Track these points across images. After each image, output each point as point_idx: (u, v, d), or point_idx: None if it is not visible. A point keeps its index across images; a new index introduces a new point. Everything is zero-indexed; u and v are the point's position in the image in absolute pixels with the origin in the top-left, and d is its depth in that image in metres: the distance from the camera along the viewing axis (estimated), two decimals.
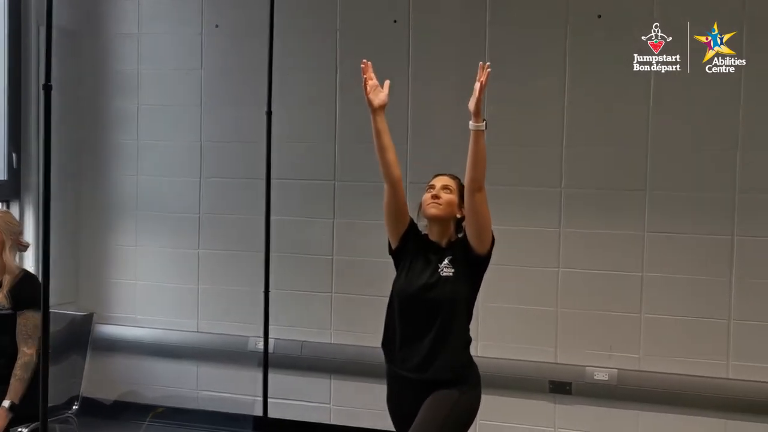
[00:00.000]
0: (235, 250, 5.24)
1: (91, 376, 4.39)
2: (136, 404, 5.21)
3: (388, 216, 3.39)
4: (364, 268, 5.01)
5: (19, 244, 3.87)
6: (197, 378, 5.33)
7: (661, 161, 4.48)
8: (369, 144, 4.97)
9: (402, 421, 3.41)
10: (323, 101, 5.02)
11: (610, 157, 4.57)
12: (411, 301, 3.30)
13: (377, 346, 4.91)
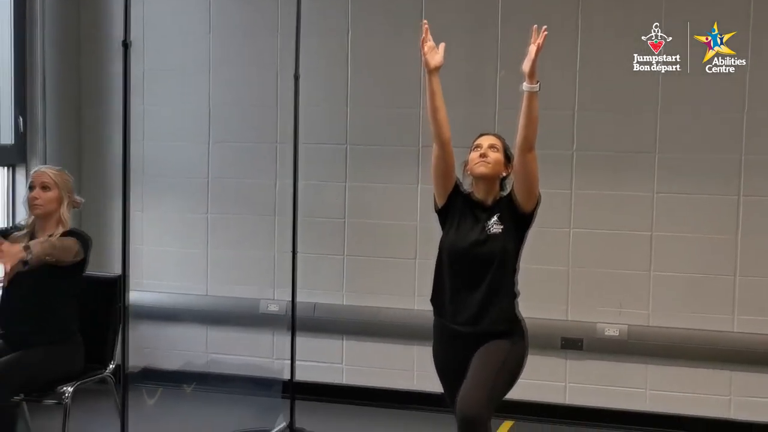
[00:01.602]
0: (245, 214, 5.28)
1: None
2: (152, 369, 5.21)
3: (436, 175, 3.48)
4: (375, 231, 5.10)
5: (73, 202, 3.90)
6: (207, 341, 5.37)
7: (670, 124, 4.64)
8: (381, 107, 5.10)
9: (450, 373, 3.52)
10: (336, 64, 5.06)
11: (620, 120, 4.72)
12: (461, 257, 3.40)
13: (389, 306, 5.07)
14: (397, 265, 5.07)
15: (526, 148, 3.29)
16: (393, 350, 5.11)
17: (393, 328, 5.07)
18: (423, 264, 5.02)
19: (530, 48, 3.22)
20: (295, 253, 4.51)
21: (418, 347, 5.05)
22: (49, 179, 3.84)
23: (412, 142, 4.99)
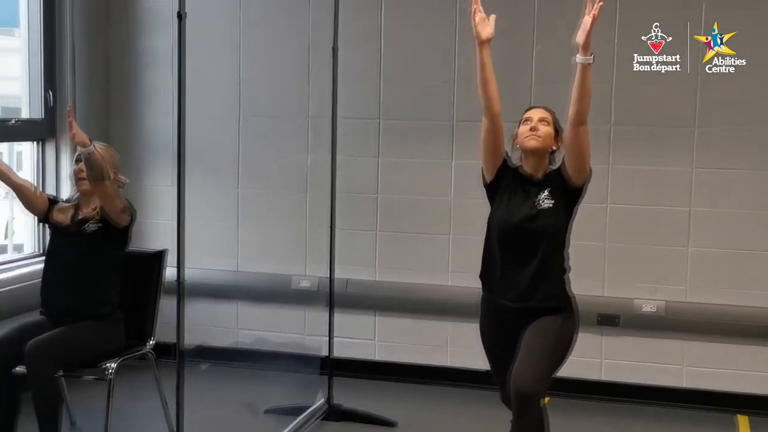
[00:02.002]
0: (276, 189, 5.24)
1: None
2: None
3: (485, 149, 3.43)
4: (408, 207, 5.06)
5: (117, 180, 3.86)
6: (237, 317, 5.35)
7: (709, 98, 4.58)
8: (415, 81, 5.04)
9: (498, 350, 3.50)
10: (369, 38, 5.00)
11: (658, 94, 4.66)
12: (512, 232, 3.36)
13: (422, 282, 5.04)
14: (430, 240, 5.04)
15: (579, 122, 3.25)
16: (426, 326, 5.08)
17: (426, 304, 5.04)
18: (457, 240, 4.99)
19: (585, 19, 3.17)
20: (333, 229, 4.48)
21: (452, 323, 5.03)
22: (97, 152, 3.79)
23: (446, 116, 4.94)
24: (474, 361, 4.94)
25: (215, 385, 4.99)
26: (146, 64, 5.36)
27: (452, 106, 4.92)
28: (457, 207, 4.96)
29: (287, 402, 4.54)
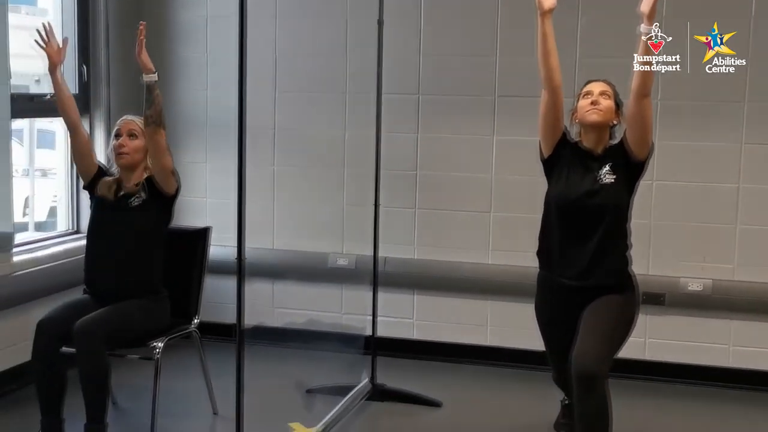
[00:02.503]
0: (312, 166, 5.15)
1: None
2: (226, 324, 5.11)
3: (544, 124, 3.35)
4: (448, 183, 4.97)
5: None
6: (273, 296, 5.28)
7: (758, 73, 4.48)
8: (455, 56, 4.94)
9: (555, 329, 3.44)
10: (408, 11, 4.89)
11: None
12: (573, 208, 3.29)
13: (462, 260, 4.96)
14: (470, 218, 4.95)
15: (642, 94, 3.17)
16: (465, 305, 5.00)
17: (466, 282, 4.96)
18: (497, 217, 4.91)
19: None
20: (378, 206, 4.39)
21: (491, 302, 4.96)
22: (136, 127, 3.75)
23: (488, 91, 4.84)
24: (514, 340, 4.91)
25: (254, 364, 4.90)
26: (180, 39, 5.26)
27: (494, 81, 4.82)
28: (498, 184, 4.88)
29: (328, 381, 4.47)
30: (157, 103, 3.59)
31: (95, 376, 3.41)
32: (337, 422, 3.92)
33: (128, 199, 3.72)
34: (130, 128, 3.76)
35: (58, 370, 3.51)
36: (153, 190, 3.73)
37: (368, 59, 4.89)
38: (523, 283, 4.78)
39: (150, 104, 3.59)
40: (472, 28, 4.85)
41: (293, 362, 4.88)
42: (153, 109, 3.59)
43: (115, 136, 3.79)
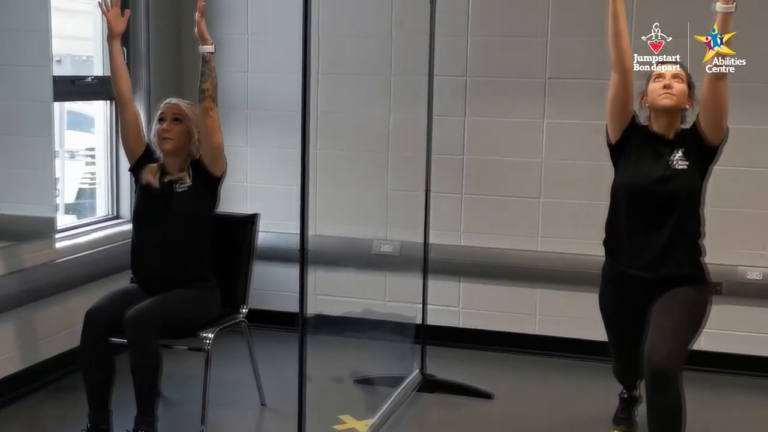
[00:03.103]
0: (355, 150, 5.03)
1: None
2: (271, 311, 5.03)
3: (613, 107, 3.22)
4: (496, 168, 4.84)
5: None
6: (315, 283, 5.16)
7: None
8: (504, 36, 4.79)
9: (621, 321, 3.32)
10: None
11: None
12: (643, 195, 3.16)
13: (510, 247, 4.84)
14: (519, 204, 4.82)
15: (719, 76, 3.02)
16: (513, 293, 4.88)
17: (514, 270, 4.84)
18: (547, 204, 4.78)
19: None
20: (429, 192, 4.27)
21: (540, 290, 4.84)
22: (180, 111, 3.63)
23: (538, 73, 4.69)
24: (564, 329, 4.79)
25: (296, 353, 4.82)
26: (220, 19, 5.13)
27: (545, 62, 4.68)
28: (548, 168, 4.74)
29: (375, 371, 4.37)
30: (212, 76, 3.50)
31: (146, 368, 3.32)
32: (390, 415, 3.81)
33: (173, 185, 3.61)
34: (174, 112, 3.64)
35: (107, 361, 3.43)
36: (199, 174, 3.63)
37: (414, 40, 4.77)
38: (573, 271, 4.72)
39: (206, 77, 3.49)
40: (522, 8, 4.70)
41: (337, 351, 4.77)
42: (209, 82, 3.49)
43: (159, 120, 3.67)
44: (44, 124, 4.12)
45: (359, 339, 4.87)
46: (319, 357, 4.69)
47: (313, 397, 4.03)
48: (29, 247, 4.01)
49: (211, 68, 3.52)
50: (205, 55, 3.52)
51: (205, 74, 3.52)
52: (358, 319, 5.00)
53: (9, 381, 3.93)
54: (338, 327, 4.99)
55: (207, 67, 3.52)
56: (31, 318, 4.05)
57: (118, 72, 3.62)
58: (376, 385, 4.21)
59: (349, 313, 5.04)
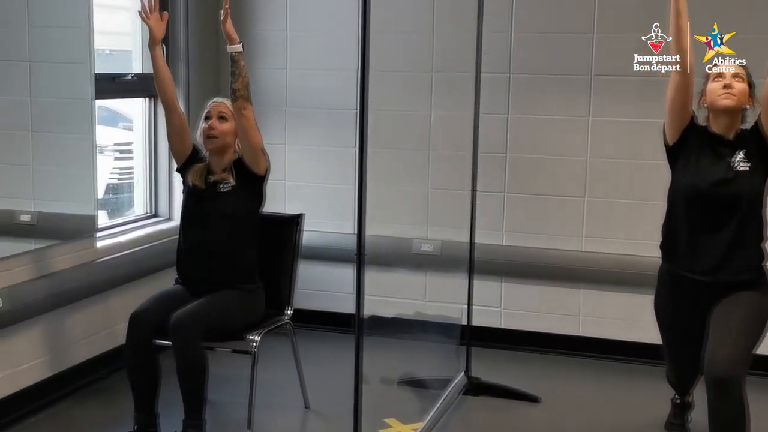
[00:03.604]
0: (397, 148, 4.96)
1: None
2: (315, 311, 4.97)
3: (673, 108, 3.13)
4: (539, 167, 4.76)
5: None
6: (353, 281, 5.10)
7: None
8: (548, 33, 4.70)
9: (678, 327, 3.23)
10: None
11: None
12: (704, 198, 3.07)
13: (553, 247, 4.75)
14: (562, 203, 4.74)
15: None
16: (556, 294, 4.80)
17: (557, 270, 4.76)
18: (592, 203, 4.69)
19: None
20: (475, 192, 4.20)
21: (584, 291, 4.75)
22: (226, 110, 3.59)
23: (583, 70, 4.60)
24: (609, 330, 4.70)
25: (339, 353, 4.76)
26: (258, 15, 5.08)
27: (590, 59, 4.58)
28: (593, 167, 4.66)
29: (419, 372, 4.31)
30: (243, 75, 3.45)
31: (193, 372, 3.27)
32: (437, 420, 3.75)
33: (218, 185, 3.57)
34: (219, 110, 3.60)
35: (152, 363, 3.39)
36: (242, 173, 3.58)
37: (456, 36, 4.70)
38: (618, 272, 4.64)
39: (236, 77, 3.44)
40: (567, 3, 4.61)
41: (380, 352, 4.70)
42: (240, 82, 3.43)
43: (205, 118, 3.63)
44: (85, 121, 4.08)
45: (403, 340, 4.80)
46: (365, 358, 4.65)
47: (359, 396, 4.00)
48: (71, 246, 3.97)
49: (240, 68, 3.46)
50: (233, 55, 3.47)
51: (236, 74, 3.46)
52: (401, 319, 4.93)
53: (48, 383, 3.90)
54: (382, 328, 4.93)
55: (236, 66, 3.47)
56: (70, 319, 4.01)
57: (161, 77, 3.58)
58: (421, 388, 4.15)
59: (390, 313, 4.97)
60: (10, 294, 3.55)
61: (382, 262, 5.00)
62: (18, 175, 3.81)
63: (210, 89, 5.01)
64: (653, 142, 4.49)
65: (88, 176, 4.10)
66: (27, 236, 3.88)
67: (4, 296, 3.52)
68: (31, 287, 3.68)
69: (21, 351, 3.73)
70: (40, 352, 3.85)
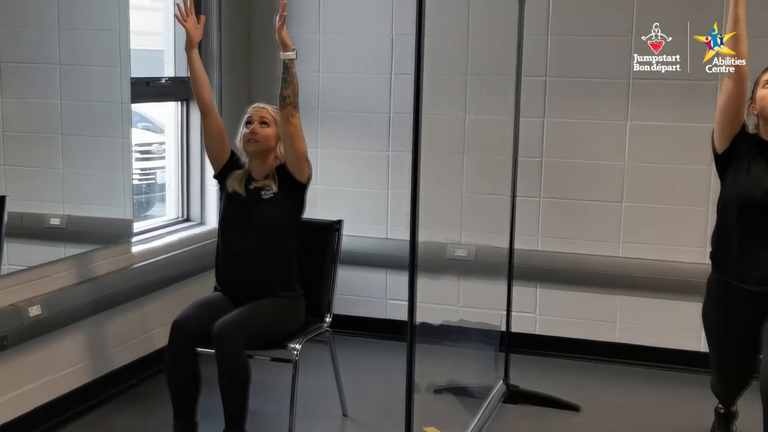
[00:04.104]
0: (428, 152, 4.88)
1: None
2: (345, 316, 4.93)
3: (724, 115, 3.07)
4: (576, 171, 4.70)
5: None
6: (386, 287, 5.08)
7: None
8: (586, 36, 4.64)
9: (729, 337, 3.18)
10: None
11: None
12: (755, 206, 3.02)
13: (589, 253, 4.70)
14: (600, 208, 4.68)
15: None
16: (592, 300, 4.74)
17: (593, 276, 4.70)
18: (630, 208, 4.64)
19: None
20: (515, 197, 4.15)
21: (620, 297, 4.69)
22: (268, 115, 3.56)
23: (622, 74, 4.54)
24: (647, 337, 4.65)
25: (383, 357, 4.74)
26: (291, 18, 5.01)
27: (629, 62, 4.51)
28: (631, 172, 4.60)
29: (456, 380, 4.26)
30: (294, 82, 3.42)
31: (236, 382, 3.23)
32: (480, 429, 3.70)
33: (260, 192, 3.53)
34: (262, 115, 3.57)
35: (194, 372, 3.35)
36: (285, 180, 3.55)
37: (492, 38, 4.65)
38: (656, 278, 4.59)
39: (287, 84, 3.41)
40: (605, 5, 4.55)
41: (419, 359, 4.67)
42: (290, 89, 3.41)
43: (246, 123, 3.59)
44: (122, 125, 4.05)
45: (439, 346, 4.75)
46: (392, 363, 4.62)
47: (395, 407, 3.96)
48: (107, 252, 3.94)
49: (292, 75, 3.43)
50: (286, 62, 3.44)
51: (287, 81, 3.43)
52: (437, 326, 4.88)
53: (85, 390, 3.88)
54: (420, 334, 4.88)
55: (288, 73, 3.43)
56: (105, 325, 3.99)
57: (199, 80, 3.55)
58: (460, 395, 4.10)
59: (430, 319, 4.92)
60: (49, 301, 3.53)
61: (406, 266, 4.96)
62: (48, 178, 3.77)
63: (242, 95, 4.99)
64: (692, 146, 4.48)
65: (126, 181, 4.08)
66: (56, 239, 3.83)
67: (44, 303, 3.50)
68: (71, 293, 3.66)
69: (60, 358, 3.71)
70: (78, 358, 3.83)
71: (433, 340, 4.76)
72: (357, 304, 5.02)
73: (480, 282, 4.78)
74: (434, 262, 4.91)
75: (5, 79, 3.40)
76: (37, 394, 3.58)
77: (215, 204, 4.80)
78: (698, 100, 4.42)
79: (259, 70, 5.12)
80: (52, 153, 3.77)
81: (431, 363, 4.57)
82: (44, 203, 3.84)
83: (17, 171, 3.54)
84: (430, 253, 4.91)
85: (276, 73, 5.05)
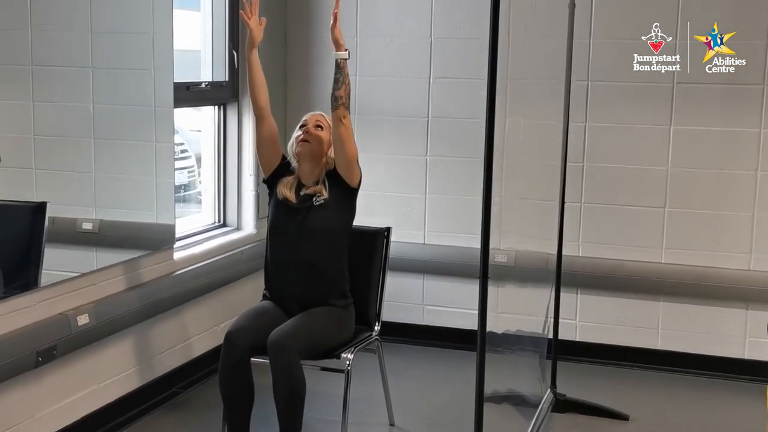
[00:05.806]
0: (469, 157, 4.86)
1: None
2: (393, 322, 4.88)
3: None
4: (617, 176, 4.66)
5: None
6: (423, 293, 5.03)
7: None
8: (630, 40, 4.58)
9: None
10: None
11: None
12: None
13: (631, 259, 4.65)
14: (642, 214, 4.63)
15: None
16: (634, 306, 4.70)
17: (635, 282, 4.65)
18: (673, 213, 4.59)
19: None
20: (564, 203, 4.10)
21: (664, 303, 4.65)
22: (324, 121, 3.54)
23: (666, 78, 4.48)
24: (691, 344, 4.59)
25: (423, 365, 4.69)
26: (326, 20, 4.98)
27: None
28: (674, 177, 4.55)
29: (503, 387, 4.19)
30: (347, 82, 3.38)
31: (292, 394, 3.18)
32: None
33: (311, 199, 3.47)
34: (317, 119, 3.55)
35: (248, 383, 3.30)
36: (335, 186, 3.49)
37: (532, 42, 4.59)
38: (699, 284, 4.54)
39: (340, 84, 3.37)
40: (649, 8, 4.50)
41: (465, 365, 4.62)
42: (343, 89, 3.36)
43: (300, 126, 3.55)
44: (165, 129, 4.01)
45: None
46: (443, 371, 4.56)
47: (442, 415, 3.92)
48: (151, 258, 3.89)
49: (345, 75, 3.39)
50: (339, 62, 3.40)
51: (339, 81, 3.39)
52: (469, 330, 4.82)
53: (129, 398, 3.83)
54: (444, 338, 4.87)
55: (341, 73, 3.39)
56: (149, 333, 3.94)
57: (256, 82, 3.51)
58: (509, 404, 4.04)
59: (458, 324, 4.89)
60: (96, 309, 3.48)
61: (449, 272, 4.93)
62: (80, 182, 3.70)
63: (278, 98, 4.94)
64: (737, 151, 4.43)
65: (168, 185, 4.03)
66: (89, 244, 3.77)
67: (91, 312, 3.45)
68: (118, 301, 3.61)
69: (107, 366, 3.67)
70: (124, 366, 3.79)
71: (457, 346, 4.74)
72: (395, 309, 4.97)
73: (521, 288, 4.72)
74: (469, 268, 4.84)
75: (38, 82, 3.34)
76: (87, 402, 3.54)
77: (252, 209, 4.76)
78: (744, 105, 4.36)
79: (294, 68, 5.07)
80: (84, 157, 3.68)
81: (462, 367, 4.54)
82: (76, 207, 3.78)
83: (51, 175, 3.48)
84: (466, 258, 4.87)
85: (310, 77, 5.04)
